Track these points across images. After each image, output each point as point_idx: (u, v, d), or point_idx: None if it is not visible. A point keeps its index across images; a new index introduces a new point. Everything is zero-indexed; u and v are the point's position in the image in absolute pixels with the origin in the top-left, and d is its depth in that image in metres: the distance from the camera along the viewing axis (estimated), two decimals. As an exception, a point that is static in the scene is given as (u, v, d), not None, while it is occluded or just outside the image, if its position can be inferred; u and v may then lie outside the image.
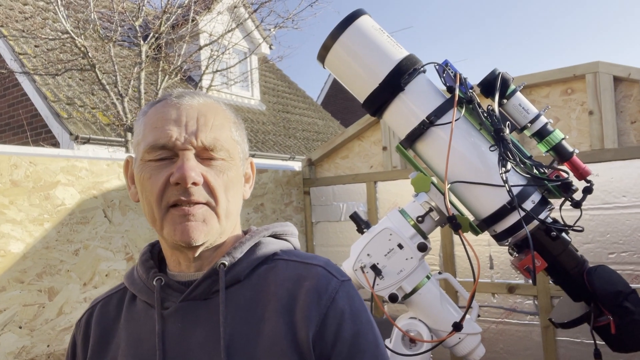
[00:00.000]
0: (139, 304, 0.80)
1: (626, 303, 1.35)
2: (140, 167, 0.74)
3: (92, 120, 6.00)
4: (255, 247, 0.78)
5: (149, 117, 0.76)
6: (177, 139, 0.71)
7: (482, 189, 1.38)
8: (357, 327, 0.71)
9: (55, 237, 1.82)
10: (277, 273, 0.75)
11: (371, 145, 2.94)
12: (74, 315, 1.85)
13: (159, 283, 0.76)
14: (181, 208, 0.71)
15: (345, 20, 1.46)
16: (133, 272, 0.83)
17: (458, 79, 1.39)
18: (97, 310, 0.84)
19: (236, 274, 0.75)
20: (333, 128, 10.63)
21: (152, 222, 0.74)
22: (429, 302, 1.45)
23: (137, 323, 0.78)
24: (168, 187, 0.71)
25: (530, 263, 1.32)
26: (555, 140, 1.41)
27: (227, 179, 0.74)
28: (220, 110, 0.78)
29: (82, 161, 1.93)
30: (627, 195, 2.26)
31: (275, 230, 0.83)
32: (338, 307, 0.71)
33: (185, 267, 0.77)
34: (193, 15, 5.57)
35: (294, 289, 0.72)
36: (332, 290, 0.72)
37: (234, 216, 0.78)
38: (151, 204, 0.72)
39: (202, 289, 0.74)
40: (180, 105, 0.74)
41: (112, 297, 0.85)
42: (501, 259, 2.54)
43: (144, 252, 0.84)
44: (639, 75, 2.20)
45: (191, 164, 0.71)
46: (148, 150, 0.73)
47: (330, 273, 0.74)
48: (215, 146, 0.73)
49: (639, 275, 2.22)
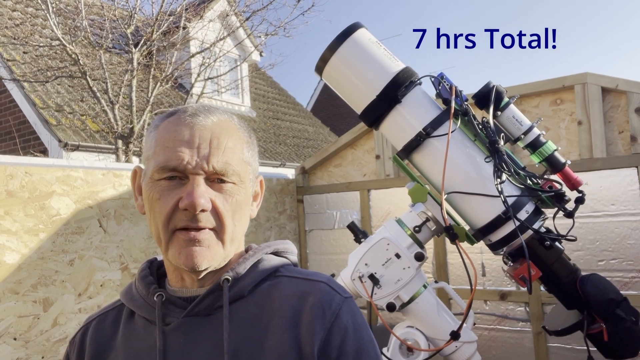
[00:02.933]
0: (137, 320, 0.79)
1: (618, 311, 1.38)
2: (150, 185, 0.74)
3: (82, 128, 5.95)
4: (257, 264, 0.79)
5: (161, 133, 0.75)
6: (189, 162, 0.71)
7: (477, 199, 1.41)
8: (360, 343, 0.72)
9: (51, 248, 1.81)
10: (280, 289, 0.76)
11: (364, 153, 2.97)
12: (68, 327, 1.83)
13: (160, 299, 0.76)
14: (187, 233, 0.71)
15: (342, 33, 1.48)
16: (131, 288, 0.83)
17: (454, 92, 1.42)
18: (92, 327, 0.83)
19: (240, 289, 0.75)
20: (323, 135, 10.66)
21: (158, 242, 0.74)
22: (426, 311, 1.47)
23: (136, 340, 0.77)
24: (176, 210, 0.71)
25: (525, 272, 1.35)
26: (548, 152, 1.44)
27: (236, 203, 0.74)
28: (234, 130, 0.77)
29: (77, 171, 1.92)
30: (615, 204, 2.31)
31: (277, 247, 0.84)
32: (342, 323, 0.72)
33: (189, 283, 0.77)
34: (184, 22, 5.58)
35: (298, 304, 0.72)
36: (335, 307, 0.73)
37: (239, 239, 0.79)
38: (158, 225, 0.72)
39: (205, 305, 0.74)
40: (193, 125, 0.73)
41: (107, 314, 0.84)
42: (493, 266, 2.58)
43: (143, 268, 0.84)
44: (626, 86, 2.26)
45: (201, 190, 0.70)
46: (158, 170, 0.72)
47: (334, 289, 0.75)
48: (227, 171, 0.73)
49: (628, 282, 2.26)
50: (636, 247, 2.26)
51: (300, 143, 9.50)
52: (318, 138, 10.30)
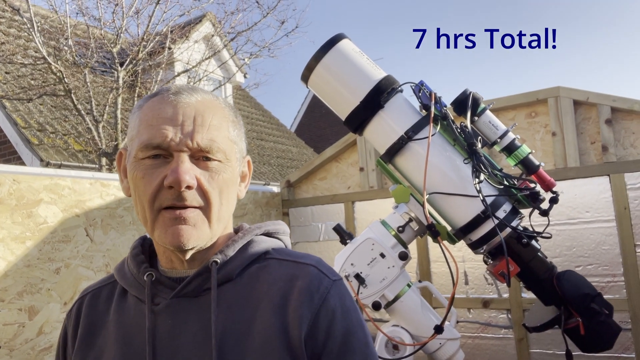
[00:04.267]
0: (129, 298, 0.79)
1: (593, 305, 1.44)
2: (134, 164, 0.72)
3: (64, 147, 5.92)
4: (247, 246, 0.78)
5: (144, 113, 0.74)
6: (172, 139, 0.70)
7: (457, 199, 1.47)
8: (348, 325, 0.72)
9: (37, 256, 1.81)
10: (269, 272, 0.75)
11: (348, 166, 3.03)
12: (54, 335, 1.82)
13: (149, 278, 0.75)
14: (173, 211, 0.70)
15: (327, 43, 1.56)
16: (124, 266, 0.82)
17: (433, 98, 1.50)
18: (87, 301, 0.83)
19: (228, 272, 0.74)
20: (307, 155, 10.74)
21: (143, 222, 0.73)
22: (410, 309, 1.51)
23: (127, 317, 0.77)
24: (161, 189, 0.70)
25: (504, 268, 1.41)
26: (523, 155, 1.52)
27: (222, 181, 0.73)
28: (219, 109, 0.76)
29: (65, 179, 1.94)
30: (590, 211, 2.40)
31: (267, 228, 0.83)
32: (329, 306, 0.71)
33: (178, 264, 0.76)
34: (169, 43, 5.65)
35: (286, 288, 0.72)
36: (324, 290, 0.72)
37: (226, 218, 0.78)
38: (144, 205, 0.71)
39: (193, 286, 0.74)
40: (177, 102, 0.72)
41: (102, 289, 0.84)
42: (475, 274, 2.63)
43: (135, 245, 0.83)
44: (596, 99, 2.38)
45: (185, 167, 0.69)
46: (142, 148, 0.71)
47: (322, 272, 0.75)
48: (212, 148, 0.72)
49: (604, 286, 2.34)
50: (611, 252, 2.34)
51: (284, 163, 9.56)
52: (302, 158, 10.37)
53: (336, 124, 13.71)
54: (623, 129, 2.35)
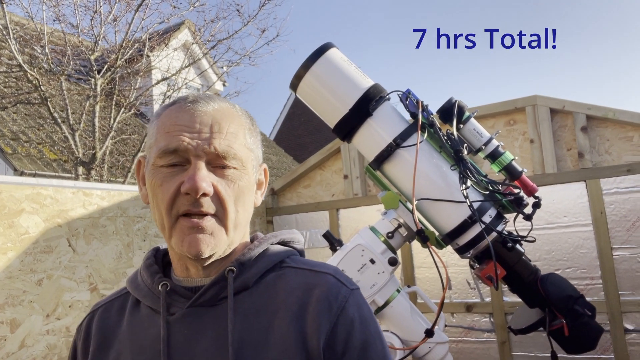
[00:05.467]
0: (142, 309, 0.78)
1: (576, 306, 1.48)
2: (152, 172, 0.73)
3: (38, 156, 5.78)
4: (263, 254, 0.78)
5: (162, 121, 0.75)
6: (190, 144, 0.70)
7: (445, 205, 1.50)
8: (366, 336, 0.71)
9: (19, 267, 1.76)
10: (286, 281, 0.75)
11: (332, 174, 3.05)
12: (36, 349, 1.77)
13: (164, 288, 0.75)
14: (190, 220, 0.70)
15: (315, 52, 1.58)
16: (137, 277, 0.82)
17: (420, 106, 1.53)
18: (98, 315, 0.82)
19: (245, 280, 0.74)
20: (287, 163, 10.74)
21: (161, 229, 0.74)
22: (400, 314, 1.53)
23: (141, 329, 0.76)
24: (178, 195, 0.70)
25: (491, 271, 1.44)
26: (506, 161, 1.56)
27: (238, 189, 0.73)
28: (236, 117, 0.77)
29: (47, 189, 1.90)
30: (567, 216, 2.48)
31: (283, 237, 0.83)
32: (348, 316, 0.71)
33: (194, 273, 0.76)
34: (147, 51, 5.60)
35: (304, 297, 0.72)
36: (342, 299, 0.72)
37: (243, 226, 0.77)
38: (161, 211, 0.72)
39: (209, 295, 0.73)
40: (194, 110, 0.73)
41: (113, 302, 0.83)
42: (458, 279, 2.68)
43: (148, 256, 0.83)
44: (572, 107, 2.46)
45: (202, 174, 0.70)
46: (160, 155, 0.72)
47: (340, 281, 0.74)
48: (229, 155, 0.72)
49: (582, 289, 2.41)
50: (588, 256, 2.42)
51: (263, 171, 9.54)
52: (282, 167, 10.37)
53: (315, 132, 13.76)
54: (598, 136, 2.44)
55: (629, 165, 2.33)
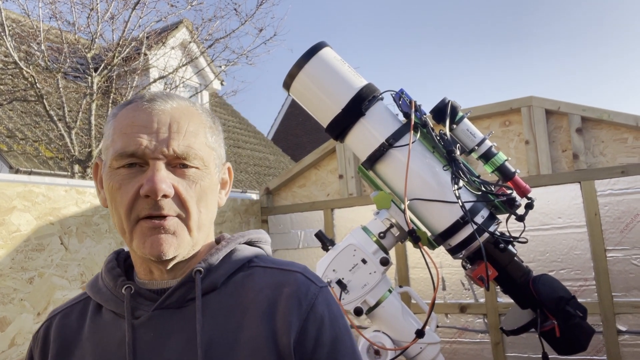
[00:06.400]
0: (105, 314, 0.76)
1: (568, 307, 1.48)
2: (109, 174, 0.71)
3: (34, 154, 5.77)
4: (230, 254, 0.77)
5: (119, 121, 0.72)
6: (147, 147, 0.68)
7: (437, 205, 1.50)
8: (336, 332, 0.72)
9: (10, 265, 1.75)
10: (254, 280, 0.74)
11: (327, 173, 3.05)
12: (26, 347, 1.76)
13: (128, 291, 0.73)
14: (151, 221, 0.68)
15: (309, 51, 1.57)
16: (97, 281, 0.79)
17: (413, 106, 1.53)
18: (57, 321, 0.80)
19: (212, 281, 0.73)
20: (284, 163, 10.73)
21: (121, 233, 0.71)
22: (391, 315, 1.53)
23: (104, 334, 0.74)
24: (138, 198, 0.68)
25: (483, 272, 1.44)
26: (500, 162, 1.56)
27: (200, 189, 0.71)
28: (195, 115, 0.74)
29: (39, 187, 1.89)
30: (562, 217, 2.48)
31: (250, 237, 0.82)
32: (318, 313, 0.71)
33: (158, 275, 0.74)
34: (145, 50, 5.59)
35: (273, 295, 0.71)
36: (311, 296, 0.72)
37: (207, 227, 0.76)
38: (120, 215, 0.70)
39: (176, 297, 0.72)
40: (151, 109, 0.71)
41: (72, 307, 0.81)
42: (453, 280, 2.68)
43: (110, 260, 0.80)
44: (567, 108, 2.46)
45: (161, 175, 0.68)
46: (116, 157, 0.69)
47: (309, 279, 0.74)
48: (189, 155, 0.70)
49: (576, 290, 2.41)
50: (582, 257, 2.42)
51: (261, 171, 9.52)
52: (279, 166, 10.36)
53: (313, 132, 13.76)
54: (593, 138, 2.44)
55: (623, 167, 2.33)
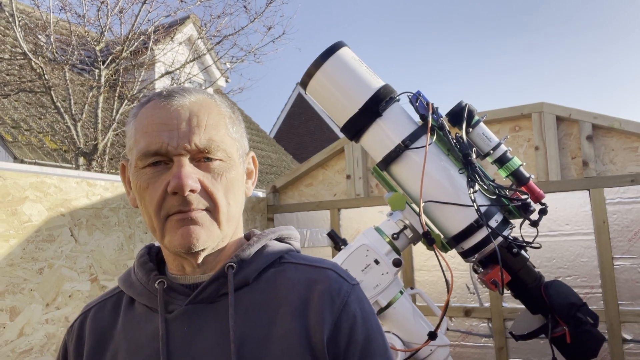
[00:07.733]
0: (138, 308, 0.77)
1: (579, 314, 1.48)
2: (136, 174, 0.71)
3: (39, 145, 5.77)
4: (262, 250, 0.77)
5: (139, 121, 0.72)
6: (169, 144, 0.68)
7: (451, 208, 1.50)
8: (368, 331, 0.72)
9: (20, 255, 1.75)
10: (286, 276, 0.74)
11: (335, 173, 3.05)
12: (34, 337, 1.77)
13: (161, 286, 0.74)
14: (180, 214, 0.69)
15: (327, 50, 1.57)
16: (130, 275, 0.80)
17: (430, 108, 1.53)
18: (91, 315, 0.80)
19: (244, 276, 0.73)
20: (286, 162, 10.73)
21: (152, 232, 0.72)
22: (402, 316, 1.53)
23: (137, 328, 0.74)
24: (166, 196, 0.69)
25: (495, 276, 1.44)
26: (514, 167, 1.56)
27: (227, 180, 0.72)
28: (214, 107, 0.74)
29: (51, 177, 1.89)
30: (570, 224, 2.48)
31: (281, 233, 0.82)
32: (350, 311, 0.71)
33: (190, 270, 0.75)
34: (152, 44, 5.59)
35: (305, 292, 0.71)
36: (344, 294, 0.72)
37: (236, 219, 0.76)
38: (150, 214, 0.70)
39: (209, 292, 0.72)
40: (170, 106, 0.71)
41: (106, 301, 0.82)
42: (457, 283, 2.68)
43: (142, 254, 0.81)
44: (578, 115, 2.46)
45: (186, 171, 0.68)
46: (140, 157, 0.70)
47: (341, 276, 0.75)
48: (211, 147, 0.70)
49: (582, 297, 2.40)
50: (589, 264, 2.42)
51: (263, 169, 9.52)
52: (281, 165, 10.36)
53: (316, 132, 13.77)
54: (603, 146, 2.44)
55: (633, 176, 2.33)
